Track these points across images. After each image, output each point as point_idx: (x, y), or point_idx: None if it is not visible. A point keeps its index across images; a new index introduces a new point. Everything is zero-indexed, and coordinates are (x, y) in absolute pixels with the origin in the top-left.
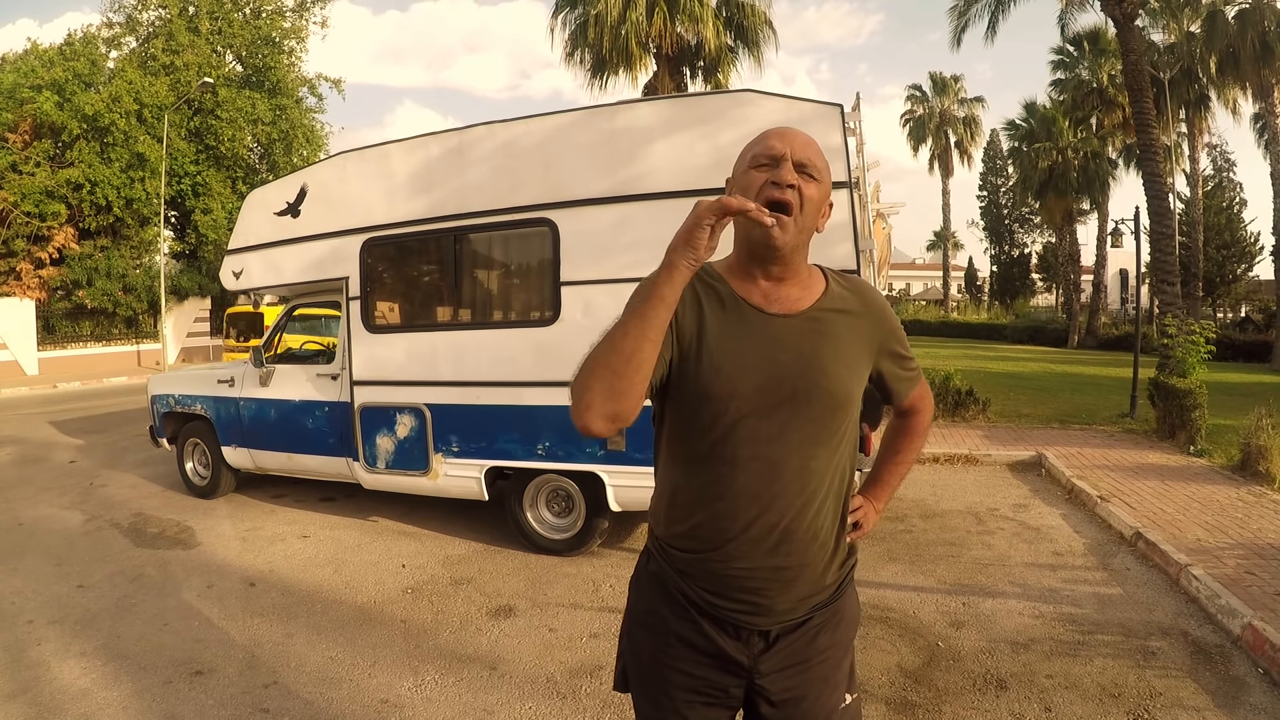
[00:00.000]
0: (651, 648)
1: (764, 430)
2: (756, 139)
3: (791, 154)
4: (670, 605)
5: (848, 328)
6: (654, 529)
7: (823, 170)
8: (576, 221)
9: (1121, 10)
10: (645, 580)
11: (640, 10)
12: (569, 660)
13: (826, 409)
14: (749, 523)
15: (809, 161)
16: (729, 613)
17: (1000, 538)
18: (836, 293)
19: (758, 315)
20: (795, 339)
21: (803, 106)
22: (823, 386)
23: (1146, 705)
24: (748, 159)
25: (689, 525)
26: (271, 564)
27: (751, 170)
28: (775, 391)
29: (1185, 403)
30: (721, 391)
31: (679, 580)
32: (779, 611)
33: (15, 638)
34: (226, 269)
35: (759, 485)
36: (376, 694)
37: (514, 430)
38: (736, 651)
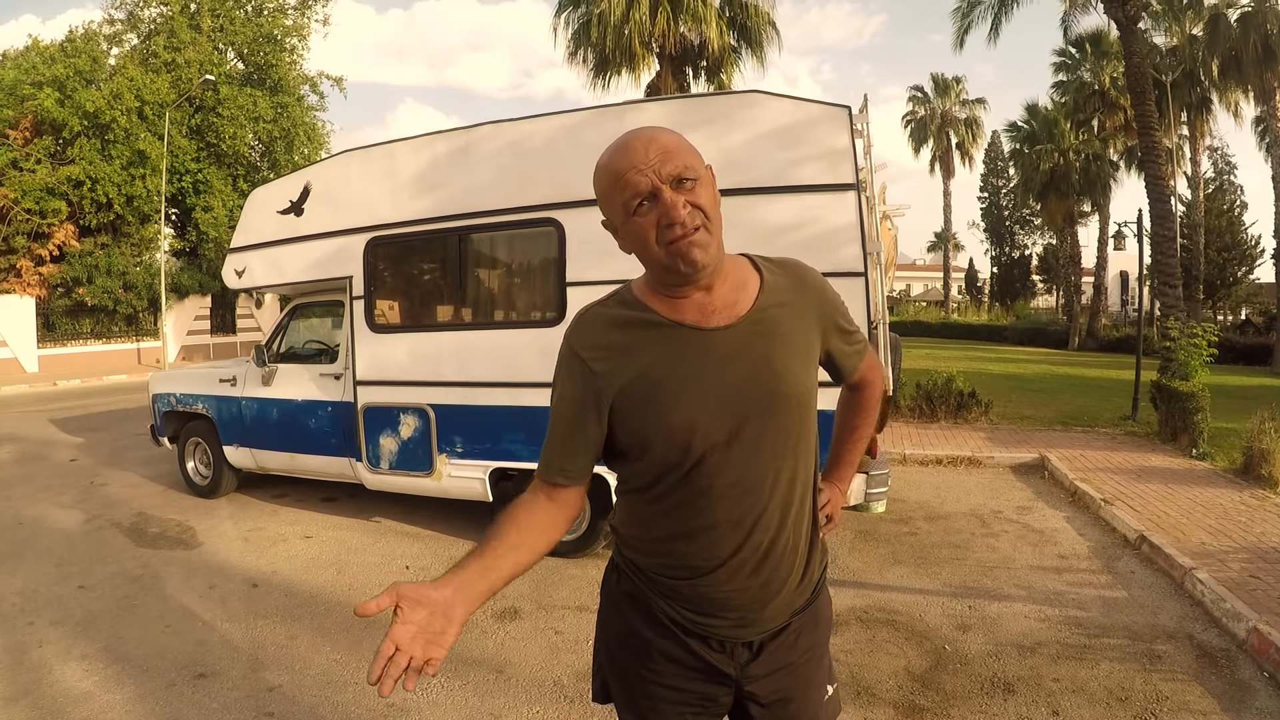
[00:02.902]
0: (635, 666)
1: (734, 455)
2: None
3: (659, 178)
4: (651, 625)
5: (792, 319)
6: (626, 551)
7: (696, 162)
8: (583, 222)
9: (1125, 13)
10: (619, 599)
11: (643, 10)
12: (575, 663)
13: (791, 416)
14: (735, 549)
15: (679, 170)
16: (715, 629)
17: (1004, 540)
18: (772, 283)
19: (697, 335)
20: (743, 349)
21: (810, 108)
22: (782, 394)
23: (1154, 709)
24: (617, 206)
25: (671, 556)
26: (274, 565)
27: (634, 219)
28: (736, 412)
29: (1187, 406)
30: (682, 428)
31: (661, 602)
32: (764, 622)
33: (16, 639)
34: (229, 267)
35: (739, 512)
36: (381, 698)
37: (519, 431)
38: (723, 664)
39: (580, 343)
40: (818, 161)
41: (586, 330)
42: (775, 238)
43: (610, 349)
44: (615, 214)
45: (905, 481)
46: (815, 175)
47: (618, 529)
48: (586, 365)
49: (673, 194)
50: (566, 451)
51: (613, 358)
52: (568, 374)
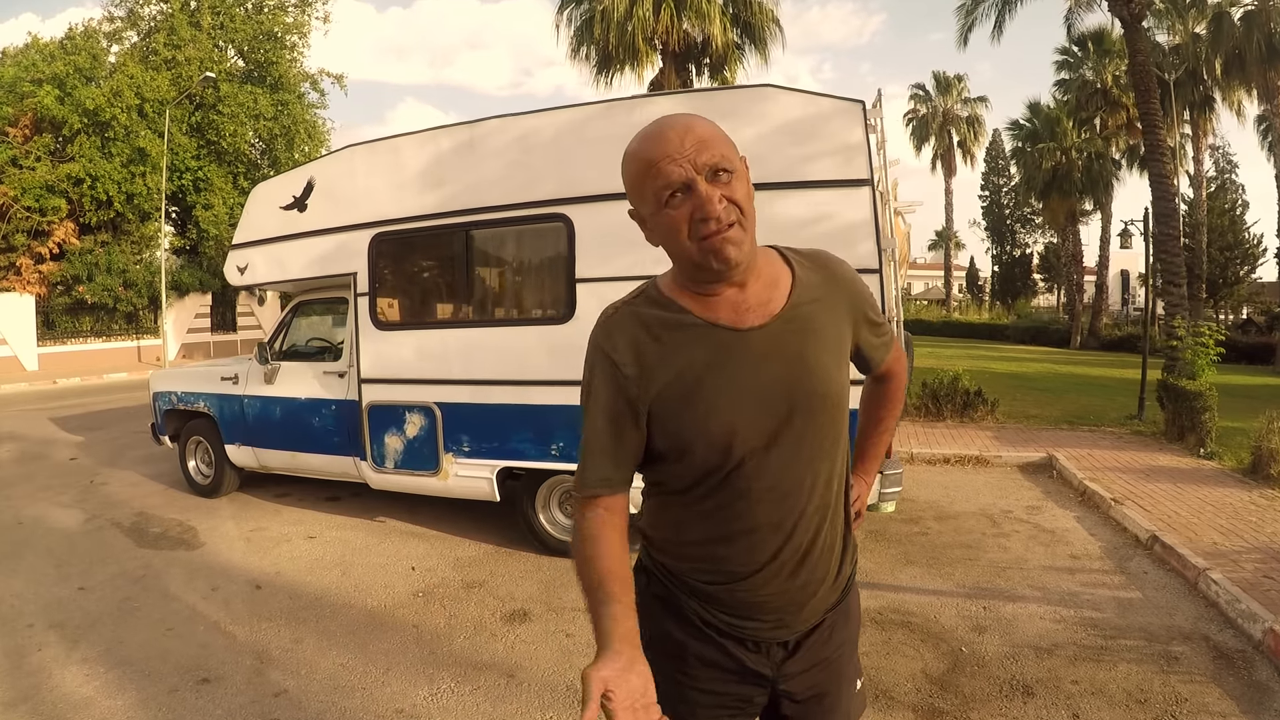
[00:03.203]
0: (670, 670)
1: (773, 459)
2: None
3: (695, 168)
4: (685, 628)
5: (825, 314)
6: (656, 554)
7: (732, 154)
8: (592, 217)
9: (1129, 11)
10: (649, 603)
11: (647, 6)
12: None
13: (828, 416)
14: (774, 553)
15: (716, 161)
16: (755, 632)
17: (1016, 540)
18: (804, 279)
19: (733, 336)
20: (779, 349)
21: (823, 103)
22: (819, 393)
23: (1173, 711)
24: (649, 196)
25: (708, 561)
26: (277, 566)
27: (666, 211)
28: (775, 414)
29: (1195, 405)
30: (721, 432)
31: (694, 605)
32: (800, 622)
33: (15, 642)
34: (231, 264)
35: (779, 515)
36: (391, 703)
37: (527, 430)
38: (760, 665)
39: (612, 346)
40: (831, 157)
41: (618, 333)
42: (789, 234)
43: (644, 352)
44: (645, 204)
45: (913, 481)
46: (829, 171)
47: (646, 532)
48: (620, 370)
49: (708, 187)
50: (610, 461)
51: (647, 361)
52: (601, 380)
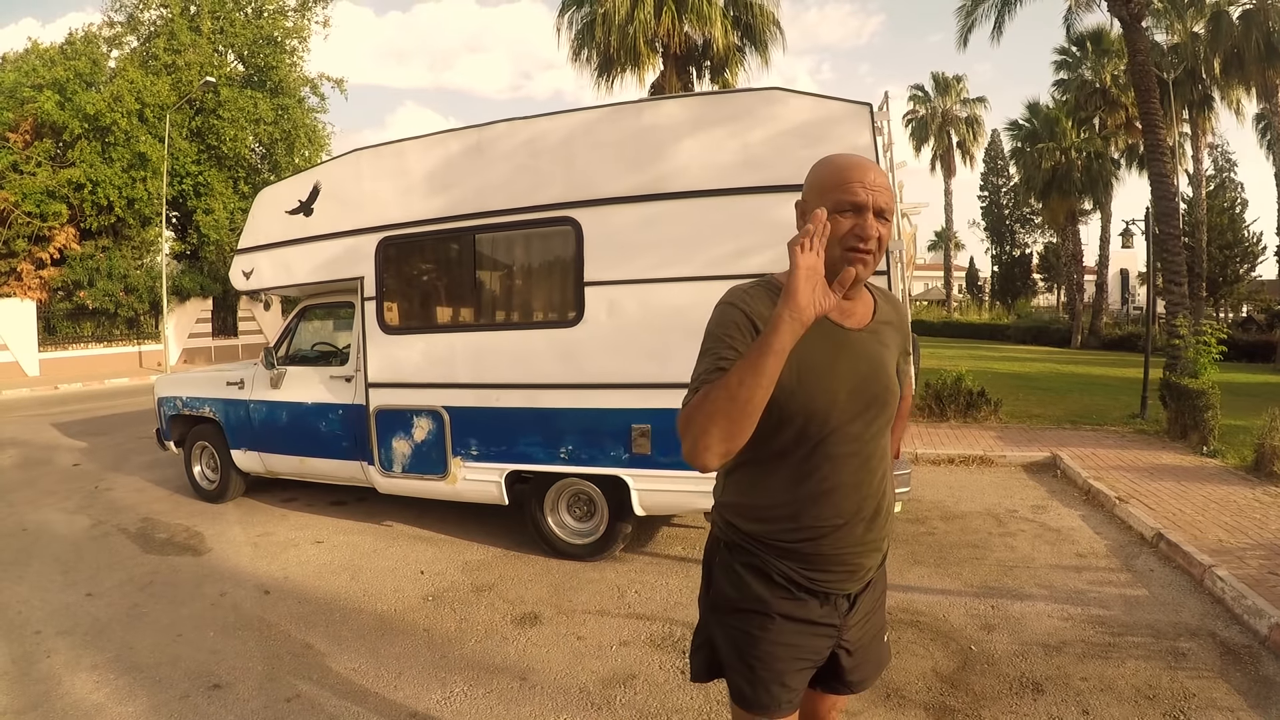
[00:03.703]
0: (753, 629)
1: (855, 431)
2: (833, 173)
3: (874, 202)
4: (770, 587)
5: (891, 336)
6: (740, 525)
7: (892, 207)
8: (601, 220)
9: (1128, 10)
10: (736, 569)
11: (648, 9)
12: (601, 669)
13: (891, 408)
14: (855, 510)
15: (886, 207)
16: (829, 584)
17: (1022, 539)
18: (882, 305)
19: (840, 331)
20: (868, 350)
21: (831, 105)
22: (890, 389)
23: (1182, 707)
24: (831, 200)
25: (799, 520)
26: (286, 571)
27: (835, 217)
28: (861, 397)
29: (1198, 403)
30: (823, 404)
31: (780, 564)
32: (864, 576)
33: (24, 649)
34: (236, 269)
35: (858, 477)
36: (404, 707)
37: (535, 433)
38: (830, 617)
39: (748, 306)
40: None
41: (753, 298)
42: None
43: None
44: (819, 204)
45: (919, 481)
46: None
47: (733, 501)
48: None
49: (873, 219)
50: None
51: None
52: (738, 327)
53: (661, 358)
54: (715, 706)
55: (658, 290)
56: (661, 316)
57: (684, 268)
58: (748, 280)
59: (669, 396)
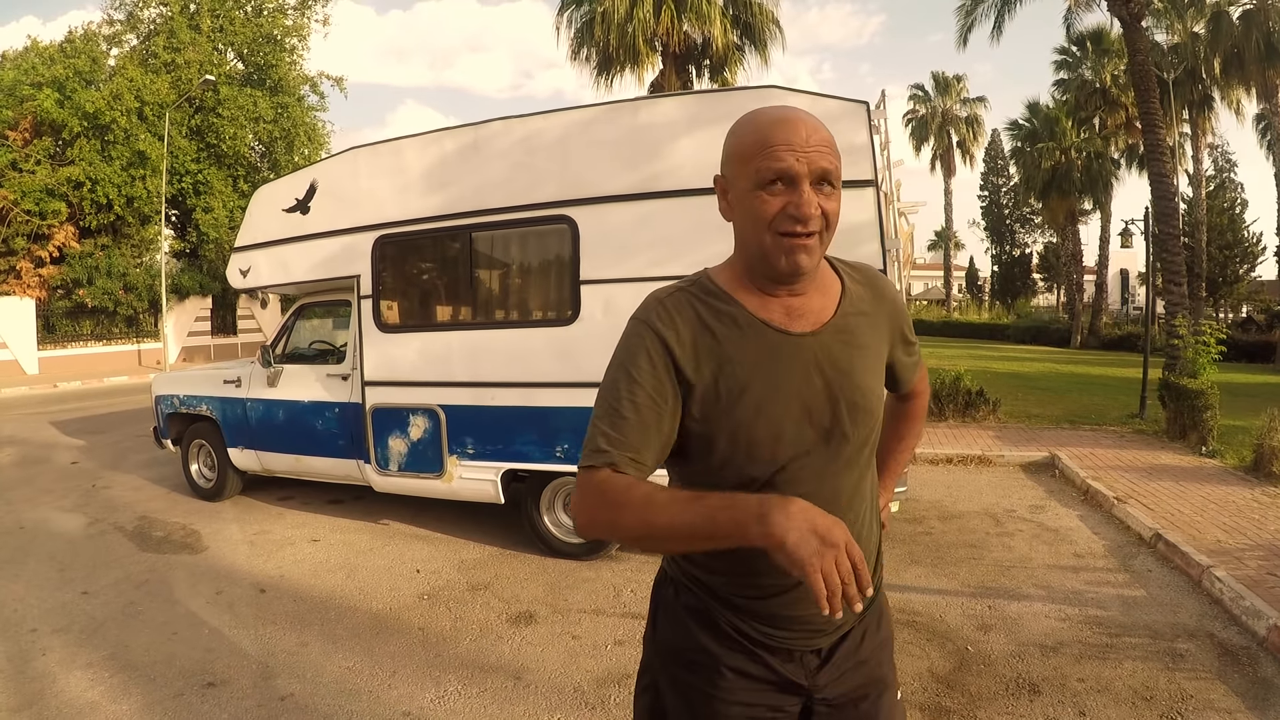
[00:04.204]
0: (700, 684)
1: (812, 466)
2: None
3: (809, 167)
4: (719, 639)
5: (869, 329)
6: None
7: (838, 170)
8: (597, 218)
9: (1128, 10)
10: (679, 614)
11: (647, 8)
12: (595, 669)
13: (866, 429)
14: None
15: (827, 169)
16: (789, 641)
17: (1020, 539)
18: (854, 291)
19: (784, 339)
20: (828, 358)
21: (828, 103)
22: (862, 407)
23: (1179, 708)
24: (751, 172)
25: (741, 575)
26: (282, 569)
27: (760, 193)
28: (819, 423)
29: (1197, 403)
30: (765, 435)
31: (730, 615)
32: (834, 629)
33: (19, 647)
34: (233, 267)
35: None
36: (398, 706)
37: (531, 432)
38: (794, 674)
39: (665, 325)
40: None
41: (673, 314)
42: None
43: (696, 341)
44: (741, 178)
45: (916, 480)
46: None
47: None
48: (671, 354)
49: (811, 190)
50: (643, 442)
51: (699, 352)
52: (648, 359)
53: None
54: None
55: (654, 289)
56: None
57: (680, 266)
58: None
59: None
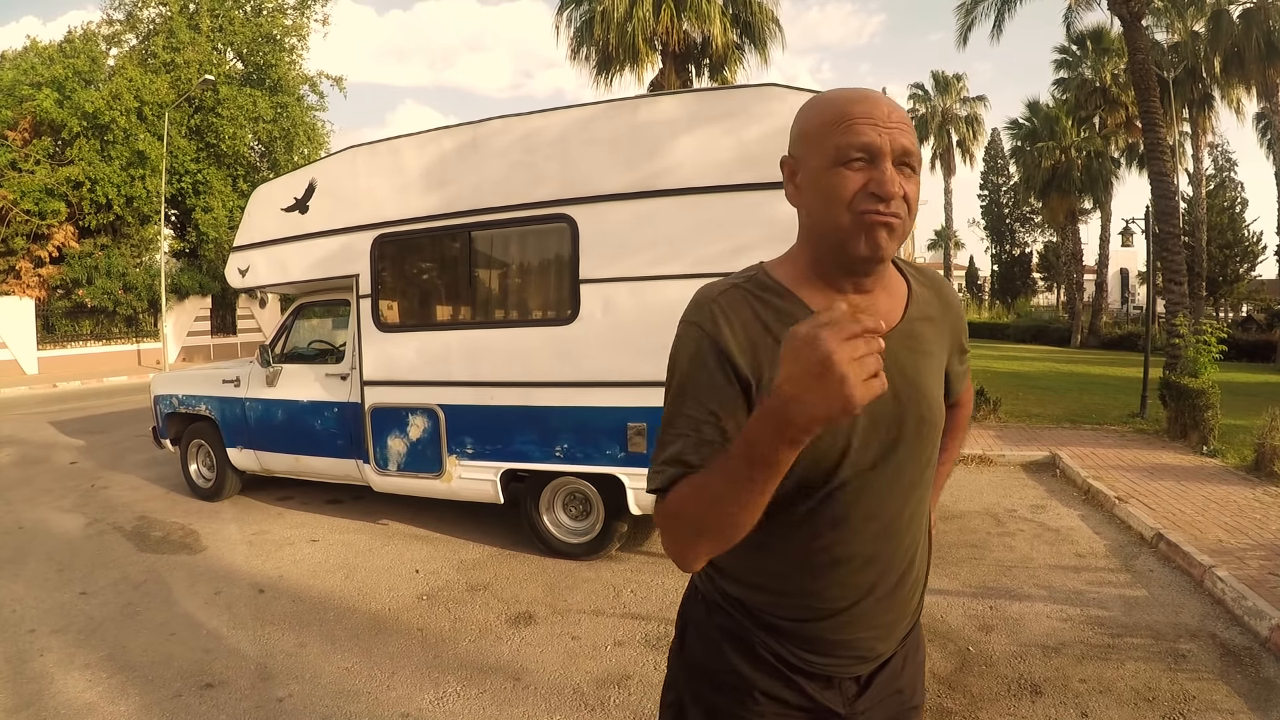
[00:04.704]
0: (730, 705)
1: (875, 483)
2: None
3: (892, 147)
4: (753, 662)
5: (935, 337)
6: (721, 583)
7: (919, 152)
8: (596, 217)
9: (1128, 9)
10: (713, 634)
11: (647, 7)
12: (595, 669)
13: (933, 443)
14: (868, 590)
15: (910, 149)
16: (829, 668)
17: (1021, 539)
18: (920, 295)
19: None
20: (895, 366)
21: None
22: (929, 419)
23: (1181, 709)
24: (829, 148)
25: (789, 595)
26: (280, 569)
27: (839, 169)
28: (884, 434)
29: (1197, 403)
30: (830, 449)
31: (767, 639)
32: (879, 657)
33: (17, 648)
34: (232, 266)
35: (874, 548)
36: (396, 707)
37: (531, 431)
38: (831, 701)
39: (720, 329)
40: None
41: (729, 315)
42: (794, 233)
43: (755, 345)
44: (817, 155)
45: None
46: None
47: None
48: (730, 360)
49: (894, 169)
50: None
51: (757, 355)
52: (703, 367)
53: (657, 356)
54: None
55: (653, 287)
56: (657, 314)
57: (680, 265)
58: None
59: None
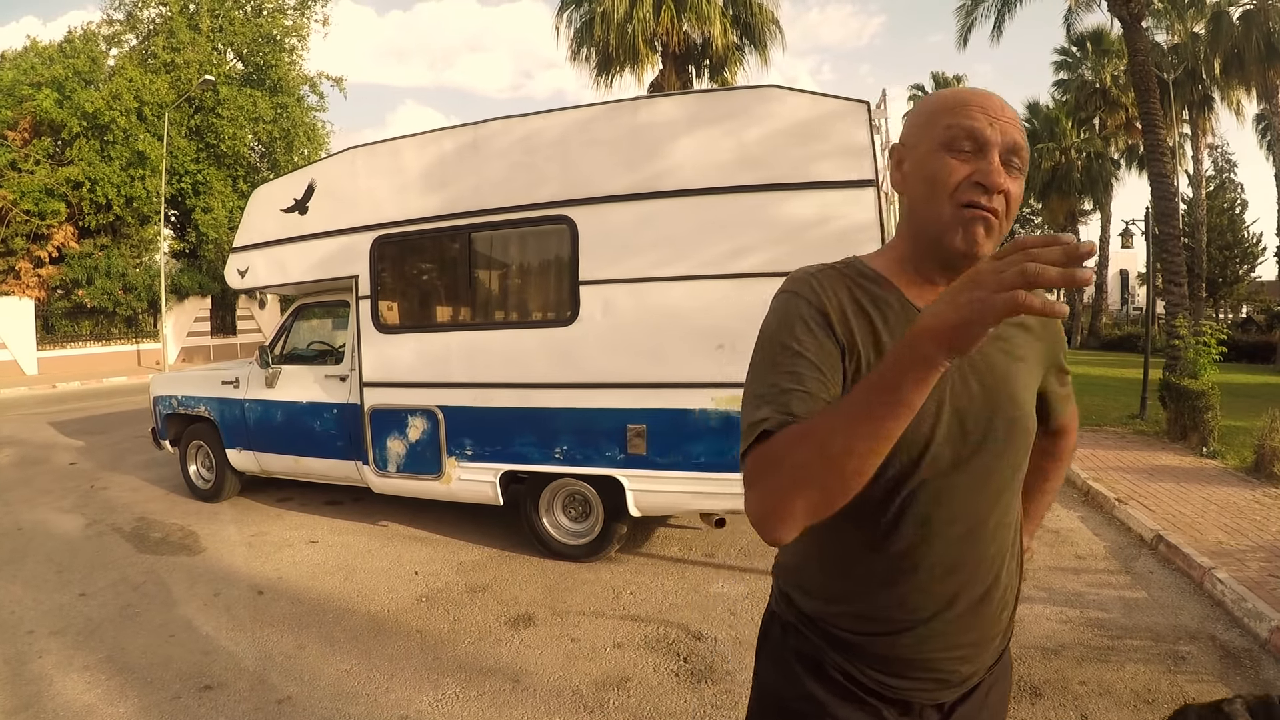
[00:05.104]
0: None
1: (960, 484)
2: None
3: (1002, 138)
4: (825, 684)
5: (1028, 346)
6: (797, 599)
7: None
8: (596, 219)
9: (1129, 10)
10: (786, 658)
11: (647, 8)
12: (594, 671)
13: (1022, 449)
14: (948, 601)
15: (1018, 145)
16: (907, 693)
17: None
18: None
19: None
20: (986, 364)
21: (828, 103)
22: (1019, 423)
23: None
24: (938, 131)
25: (866, 605)
26: (279, 571)
27: (945, 155)
28: (971, 434)
29: (1197, 404)
30: (913, 439)
31: (840, 659)
32: (964, 684)
33: (16, 649)
34: (231, 267)
35: (957, 554)
36: (395, 709)
37: (530, 433)
38: None
39: (819, 300)
40: (836, 158)
41: (826, 288)
42: (795, 235)
43: (850, 320)
44: (926, 139)
45: None
46: (834, 172)
47: (789, 566)
48: (830, 321)
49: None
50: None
51: (853, 331)
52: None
53: (657, 357)
54: (709, 710)
55: (653, 289)
56: (657, 316)
57: (680, 267)
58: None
59: (665, 396)
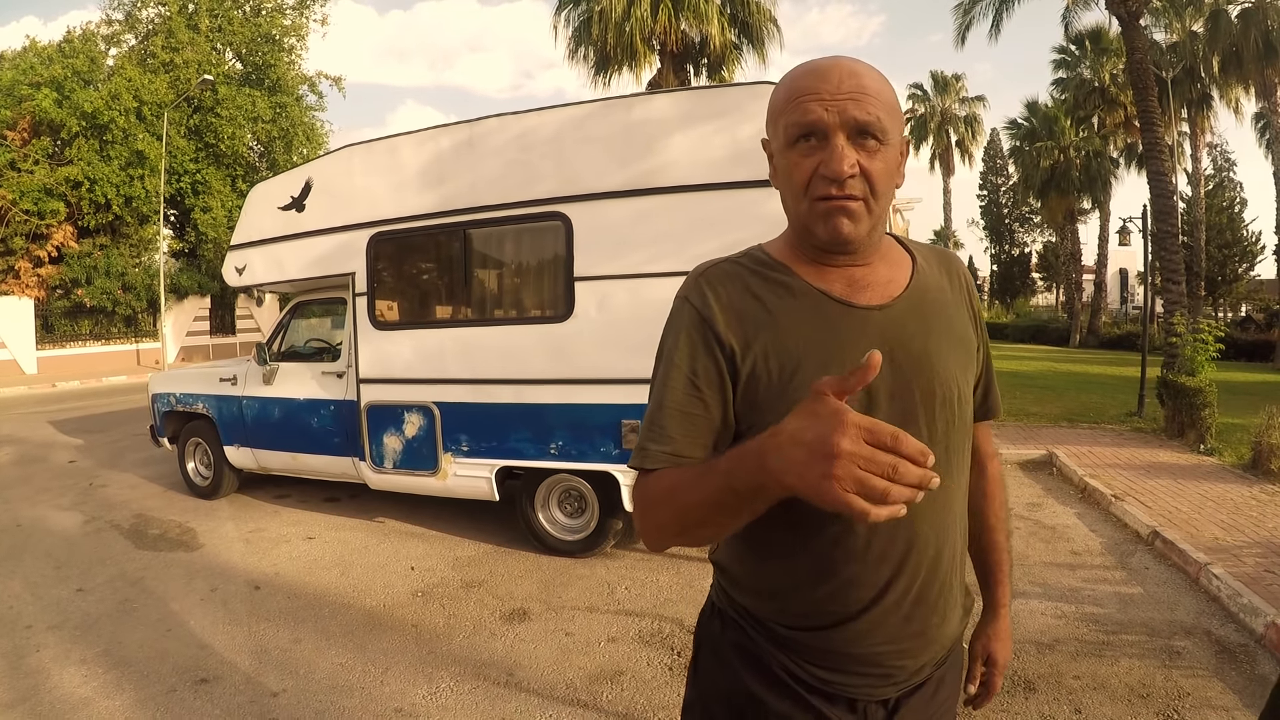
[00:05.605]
0: None
1: None
2: (785, 92)
3: (840, 118)
4: (768, 683)
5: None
6: (733, 594)
7: (890, 122)
8: (590, 215)
9: (1127, 9)
10: (725, 652)
11: (644, 7)
12: (588, 666)
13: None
14: (881, 590)
15: (866, 121)
16: (848, 689)
17: (1017, 537)
18: (925, 268)
19: (846, 312)
20: (899, 337)
21: None
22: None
23: (1175, 706)
24: (780, 131)
25: (799, 600)
26: (276, 566)
27: (792, 153)
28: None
29: (1195, 401)
30: None
31: (781, 656)
32: (909, 678)
33: (14, 644)
34: (229, 265)
35: (888, 542)
36: (390, 703)
37: (525, 429)
38: None
39: (704, 300)
40: None
41: (715, 286)
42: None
43: (744, 316)
44: (775, 138)
45: None
46: None
47: (721, 563)
48: (711, 328)
49: (846, 145)
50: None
51: (747, 328)
52: (686, 339)
53: (651, 353)
54: None
55: (648, 285)
56: (651, 311)
57: (674, 263)
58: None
59: None
